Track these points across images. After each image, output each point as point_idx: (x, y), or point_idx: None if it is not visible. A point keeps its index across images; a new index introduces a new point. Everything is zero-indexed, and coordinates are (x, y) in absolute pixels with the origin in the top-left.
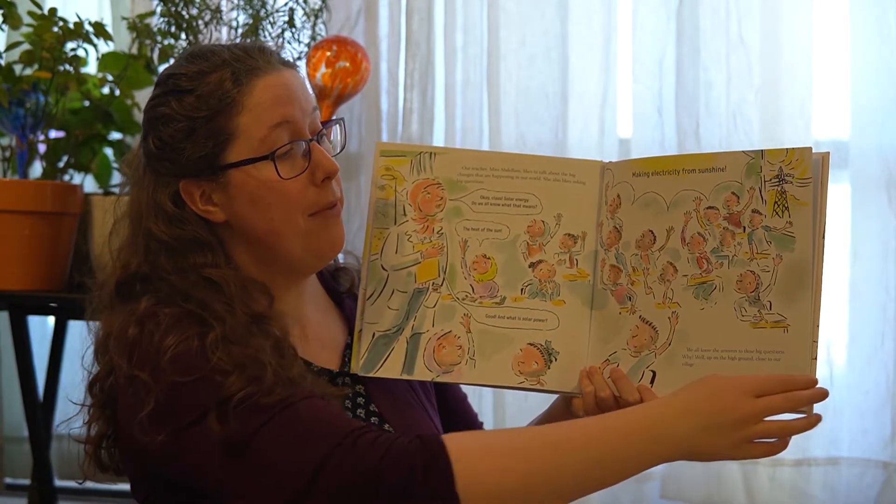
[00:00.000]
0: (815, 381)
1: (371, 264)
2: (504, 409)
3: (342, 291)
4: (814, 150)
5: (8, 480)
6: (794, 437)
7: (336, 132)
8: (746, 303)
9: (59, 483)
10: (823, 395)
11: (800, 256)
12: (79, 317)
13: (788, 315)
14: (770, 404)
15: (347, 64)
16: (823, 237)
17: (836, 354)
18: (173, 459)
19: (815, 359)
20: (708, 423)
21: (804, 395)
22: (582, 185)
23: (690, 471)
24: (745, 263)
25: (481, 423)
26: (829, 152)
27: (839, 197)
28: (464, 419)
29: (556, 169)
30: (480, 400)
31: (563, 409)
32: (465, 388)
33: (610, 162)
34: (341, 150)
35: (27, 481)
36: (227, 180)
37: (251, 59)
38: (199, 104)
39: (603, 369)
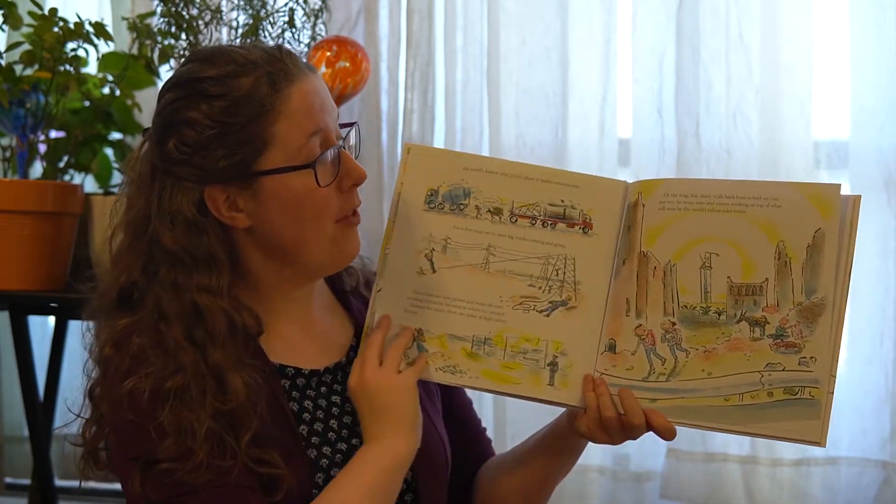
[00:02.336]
0: (388, 320)
1: (386, 257)
2: (504, 411)
3: (347, 290)
4: (812, 152)
5: (8, 480)
6: None
7: (354, 138)
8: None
9: (59, 483)
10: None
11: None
12: (79, 317)
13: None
14: (372, 358)
15: (347, 64)
16: (848, 275)
17: None
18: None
19: (832, 393)
20: (371, 413)
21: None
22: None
23: (690, 471)
24: None
25: (484, 429)
26: (860, 196)
27: None
28: (468, 425)
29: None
30: (481, 402)
31: (565, 427)
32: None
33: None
34: (359, 154)
35: (27, 481)
36: (258, 187)
37: (283, 63)
38: (231, 109)
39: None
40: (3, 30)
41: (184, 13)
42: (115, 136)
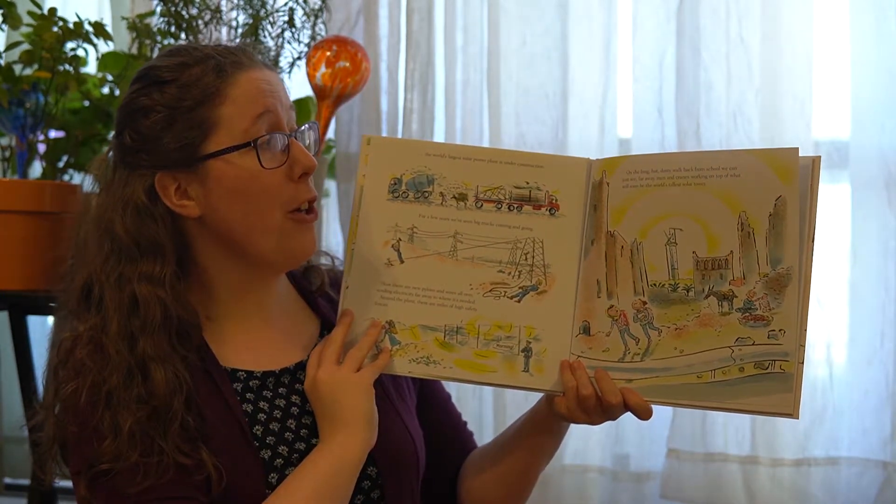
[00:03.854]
0: (350, 315)
1: (353, 252)
2: (504, 409)
3: (313, 290)
4: (812, 152)
5: (8, 480)
6: (793, 437)
7: (311, 136)
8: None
9: (58, 483)
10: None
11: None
12: None
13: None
14: (329, 356)
15: (347, 64)
16: (811, 241)
17: (836, 354)
18: None
19: (802, 363)
20: (324, 413)
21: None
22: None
23: (691, 471)
24: None
25: (465, 423)
26: (819, 157)
27: (839, 197)
28: (447, 420)
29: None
30: (481, 402)
31: (545, 410)
32: (466, 388)
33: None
34: (315, 153)
35: (27, 481)
36: (205, 171)
37: (234, 55)
38: (181, 94)
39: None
40: (2, 29)
41: (183, 13)
42: None
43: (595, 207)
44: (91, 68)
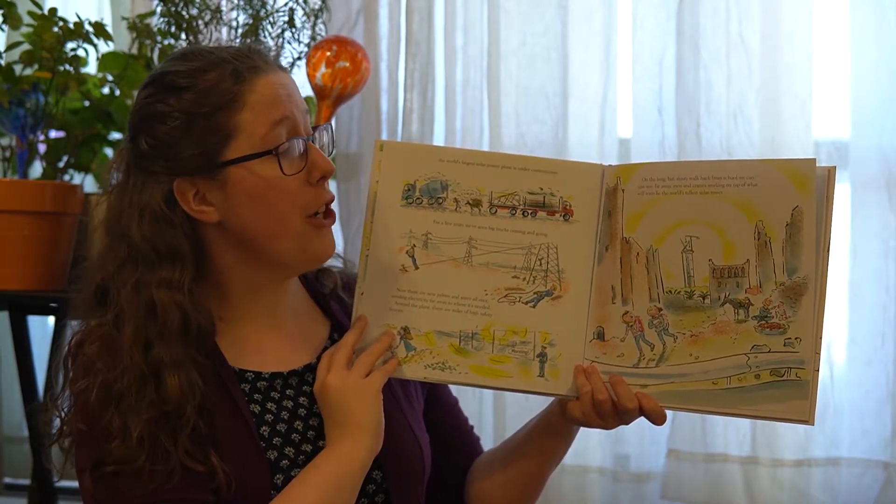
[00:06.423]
0: (364, 321)
1: (367, 258)
2: (504, 411)
3: (326, 293)
4: (812, 152)
5: (8, 480)
6: (794, 438)
7: (325, 138)
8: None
9: (59, 483)
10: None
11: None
12: (77, 317)
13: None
14: (340, 361)
15: (347, 64)
16: (827, 250)
17: (836, 354)
18: None
19: (818, 370)
20: (331, 417)
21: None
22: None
23: (691, 471)
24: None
25: (472, 427)
26: (834, 167)
27: (839, 197)
28: (455, 424)
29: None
30: (481, 403)
31: (557, 414)
32: (465, 391)
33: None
34: (330, 154)
35: (27, 481)
36: (225, 178)
37: (250, 58)
38: (198, 100)
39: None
40: (2, 29)
41: (184, 13)
42: (115, 136)
43: (609, 213)
44: (91, 68)
